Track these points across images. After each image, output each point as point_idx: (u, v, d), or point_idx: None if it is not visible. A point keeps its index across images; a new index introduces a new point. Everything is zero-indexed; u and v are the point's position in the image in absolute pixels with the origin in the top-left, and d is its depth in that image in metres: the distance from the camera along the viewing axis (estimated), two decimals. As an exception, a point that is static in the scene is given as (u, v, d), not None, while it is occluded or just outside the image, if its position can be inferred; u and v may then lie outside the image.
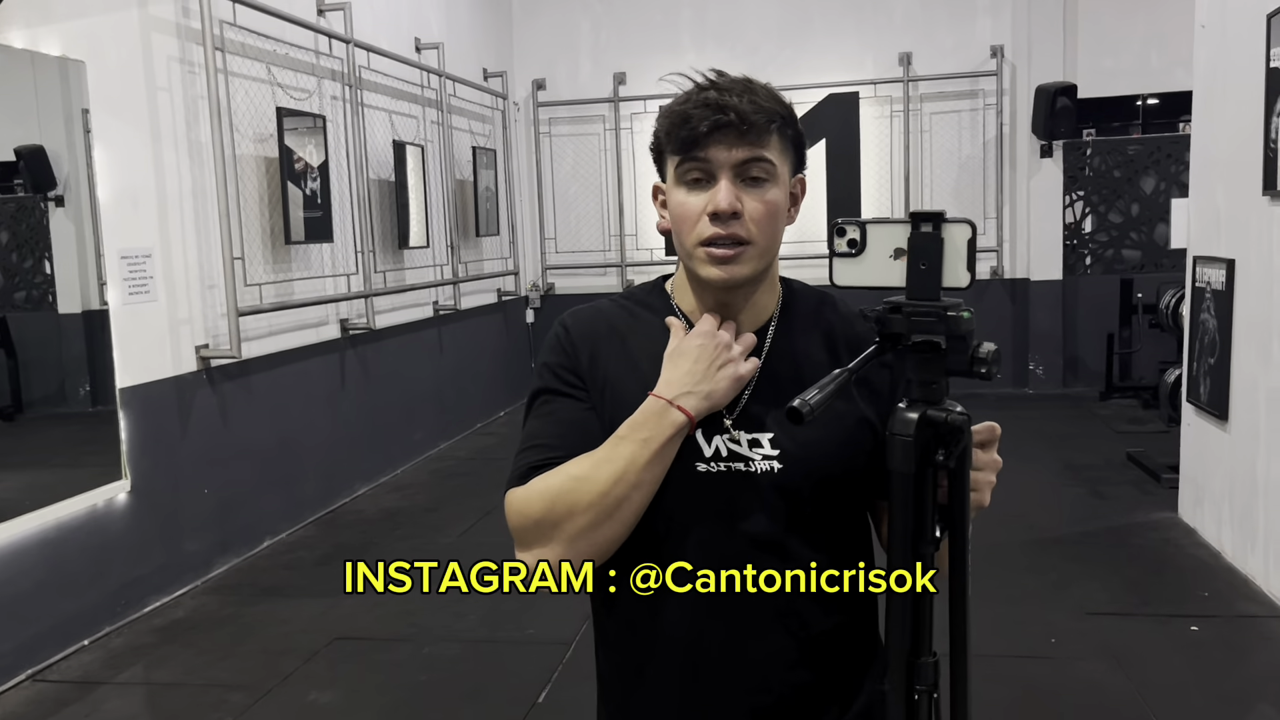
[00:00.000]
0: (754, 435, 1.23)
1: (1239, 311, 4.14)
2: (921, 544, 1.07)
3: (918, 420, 1.03)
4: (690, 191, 1.20)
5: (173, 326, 4.39)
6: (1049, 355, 8.27)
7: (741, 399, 1.23)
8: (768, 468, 1.22)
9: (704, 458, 1.22)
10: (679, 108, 1.20)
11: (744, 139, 1.17)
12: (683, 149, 1.19)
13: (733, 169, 1.18)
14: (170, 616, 4.13)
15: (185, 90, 4.47)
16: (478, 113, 7.90)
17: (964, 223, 1.00)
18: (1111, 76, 8.00)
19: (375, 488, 6.02)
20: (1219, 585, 4.02)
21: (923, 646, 1.09)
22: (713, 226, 1.18)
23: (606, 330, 1.30)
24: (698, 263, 1.21)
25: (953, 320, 1.01)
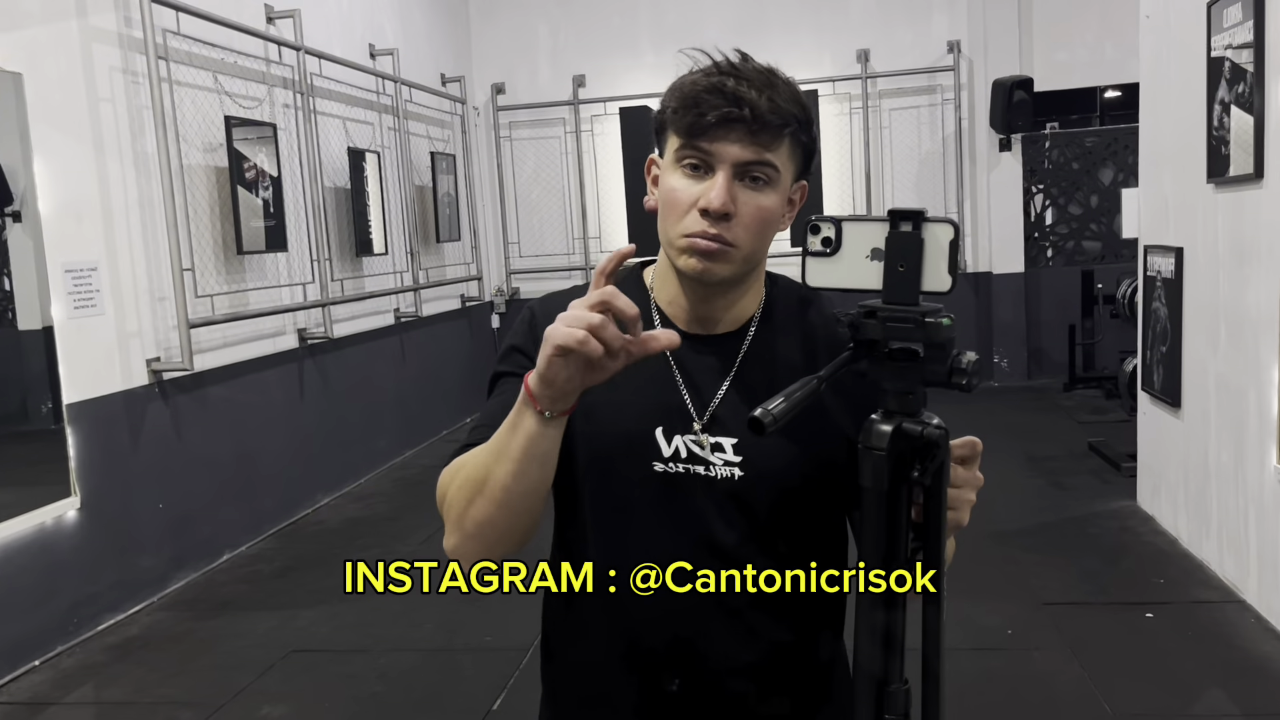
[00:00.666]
0: (718, 439, 1.18)
1: (1188, 299, 4.17)
2: (893, 564, 1.01)
3: (892, 433, 0.96)
4: (685, 178, 1.13)
5: (122, 340, 4.33)
6: (1013, 347, 8.31)
7: (713, 401, 1.19)
8: (728, 474, 1.17)
9: (663, 457, 1.18)
10: (692, 88, 1.11)
11: (753, 139, 1.10)
12: (687, 134, 1.11)
13: (734, 166, 1.11)
14: (124, 634, 4.07)
15: (129, 100, 4.42)
16: (436, 118, 7.86)
17: (946, 222, 0.93)
18: (1067, 69, 8.06)
19: (338, 498, 5.97)
20: (1174, 572, 4.04)
21: (892, 673, 1.02)
22: (700, 222, 1.11)
23: None
24: (677, 253, 1.15)
25: (932, 327, 0.93)
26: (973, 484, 1.07)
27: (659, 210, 1.17)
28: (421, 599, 4.17)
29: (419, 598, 4.20)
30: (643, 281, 1.27)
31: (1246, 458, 3.65)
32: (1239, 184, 3.60)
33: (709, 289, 1.19)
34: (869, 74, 8.15)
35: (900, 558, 1.00)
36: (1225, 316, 3.80)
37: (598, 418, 1.20)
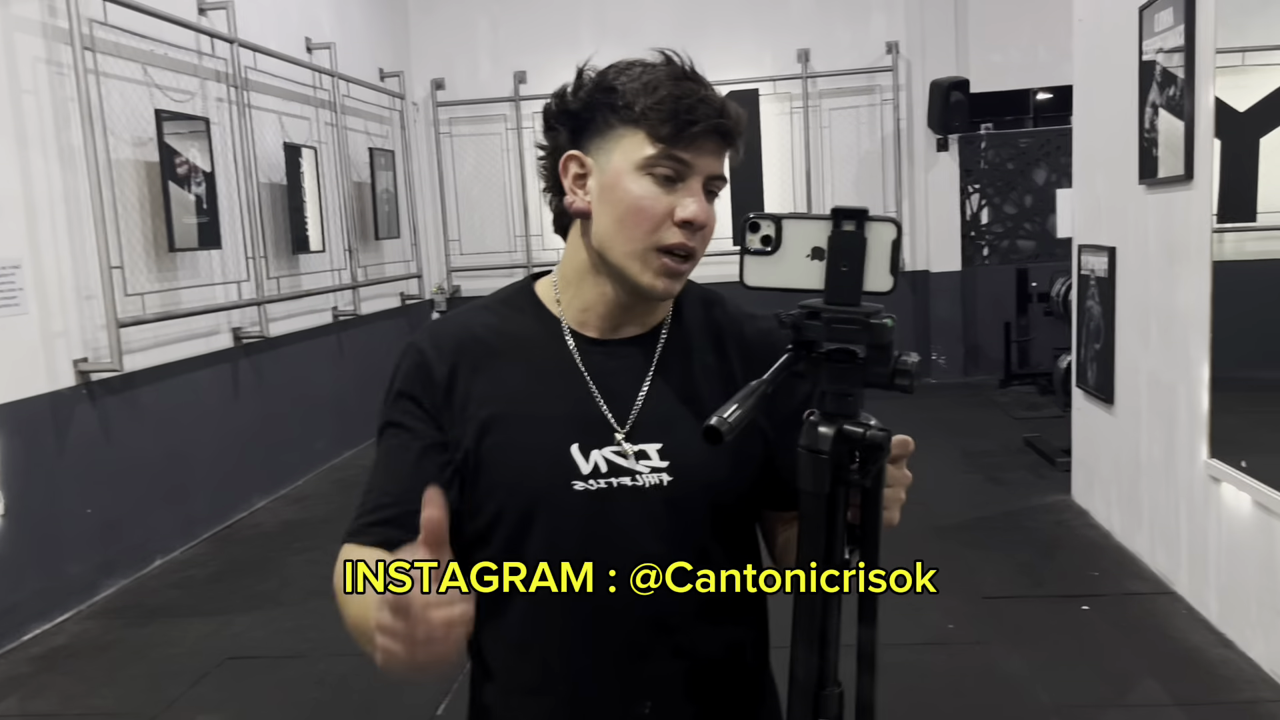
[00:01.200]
0: (641, 446, 1.14)
1: (1121, 297, 4.26)
2: (831, 568, 0.99)
3: (835, 436, 0.95)
4: (658, 186, 1.08)
5: (46, 340, 4.19)
6: (950, 344, 8.44)
7: (634, 407, 1.15)
8: (657, 480, 1.13)
9: (581, 475, 1.12)
10: (666, 88, 1.06)
11: (722, 150, 1.09)
12: (670, 139, 1.06)
13: (704, 179, 1.08)
14: (50, 644, 3.94)
15: (54, 92, 4.28)
16: (374, 113, 7.75)
17: (889, 222, 0.92)
18: (1002, 71, 8.20)
19: (274, 500, 5.85)
20: (1108, 564, 4.13)
21: (828, 676, 1.02)
22: (680, 234, 1.08)
23: (470, 343, 1.18)
24: (642, 267, 1.09)
25: (877, 329, 0.92)
26: (903, 482, 1.05)
27: (619, 218, 1.09)
28: (361, 603, 4.10)
29: (359, 601, 4.13)
30: (537, 297, 1.21)
31: (1177, 453, 3.73)
32: (1169, 185, 3.69)
33: (639, 299, 1.15)
34: (809, 74, 8.21)
35: (838, 560, 0.99)
36: (1156, 314, 3.88)
37: (506, 443, 1.14)
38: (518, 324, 1.20)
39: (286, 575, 4.56)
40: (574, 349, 1.18)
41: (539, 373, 1.17)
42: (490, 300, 1.25)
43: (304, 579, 4.48)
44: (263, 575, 4.58)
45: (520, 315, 1.20)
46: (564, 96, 1.13)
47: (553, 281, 1.21)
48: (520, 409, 1.15)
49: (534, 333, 1.19)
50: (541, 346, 1.18)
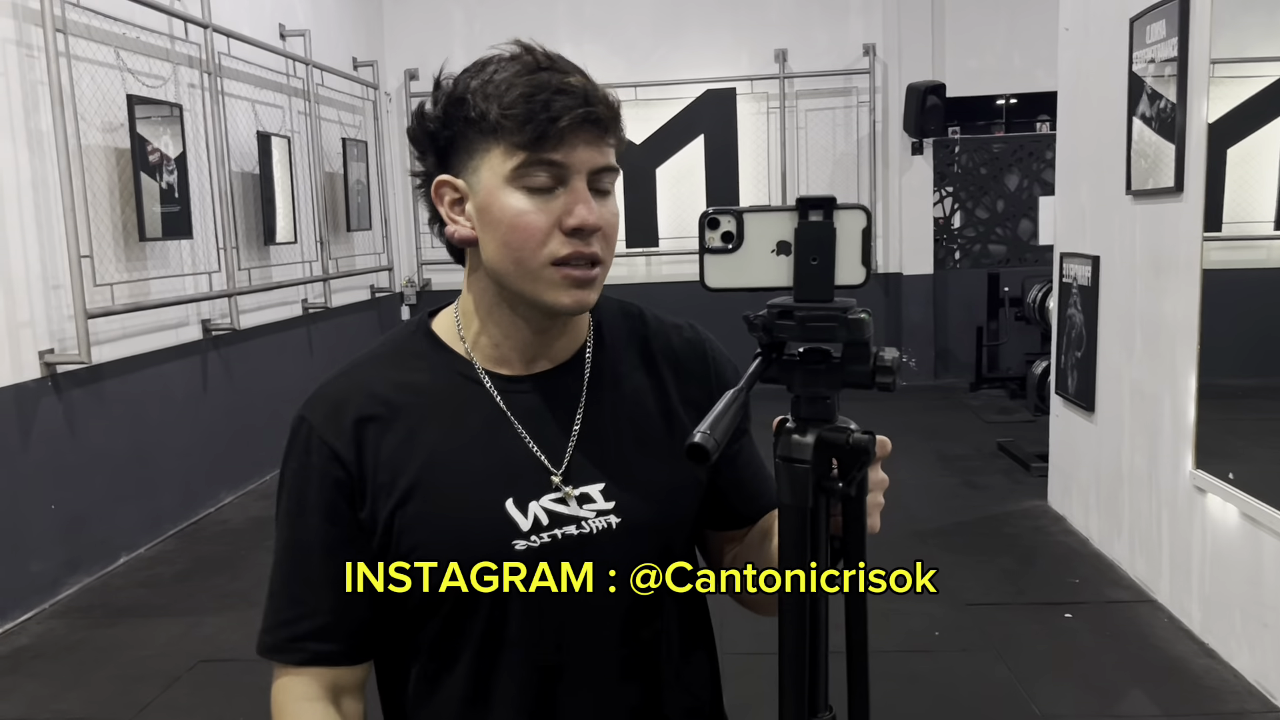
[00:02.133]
0: (583, 489, 1.03)
1: (1104, 306, 4.28)
2: (817, 585, 0.93)
3: (815, 444, 0.87)
4: (534, 198, 0.95)
5: (11, 330, 4.05)
6: (921, 347, 8.48)
7: (568, 446, 1.04)
8: (604, 525, 1.03)
9: (522, 532, 1.01)
10: (518, 86, 0.93)
11: (602, 139, 0.96)
12: (534, 144, 0.93)
13: (589, 175, 0.96)
14: (12, 644, 3.82)
15: (23, 75, 4.14)
16: (347, 103, 7.62)
17: (857, 209, 0.84)
18: (976, 76, 8.24)
19: (242, 496, 5.73)
20: (1088, 571, 4.15)
21: (819, 701, 0.96)
22: (572, 243, 0.96)
23: (369, 401, 1.04)
24: (545, 287, 0.98)
25: (855, 324, 0.84)
26: (882, 486, 0.98)
27: (502, 241, 0.97)
28: (337, 604, 4.02)
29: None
30: (439, 339, 1.08)
31: (1160, 462, 3.76)
32: (1158, 196, 3.70)
33: (553, 320, 1.03)
34: (786, 74, 8.20)
35: (820, 576, 0.93)
36: (1142, 324, 3.90)
37: (431, 511, 1.01)
38: (421, 372, 1.06)
39: (258, 575, 4.45)
40: (493, 391, 1.05)
41: (456, 425, 1.04)
42: (381, 349, 1.10)
43: (277, 579, 4.38)
44: (234, 574, 4.48)
45: (422, 361, 1.07)
46: (422, 116, 1.01)
47: (454, 318, 1.08)
48: (442, 470, 1.02)
49: (443, 379, 1.06)
50: (454, 394, 1.05)
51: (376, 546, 1.03)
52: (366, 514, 1.02)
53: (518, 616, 1.03)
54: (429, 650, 1.06)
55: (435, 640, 1.06)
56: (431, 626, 1.06)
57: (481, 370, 1.05)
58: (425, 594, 1.03)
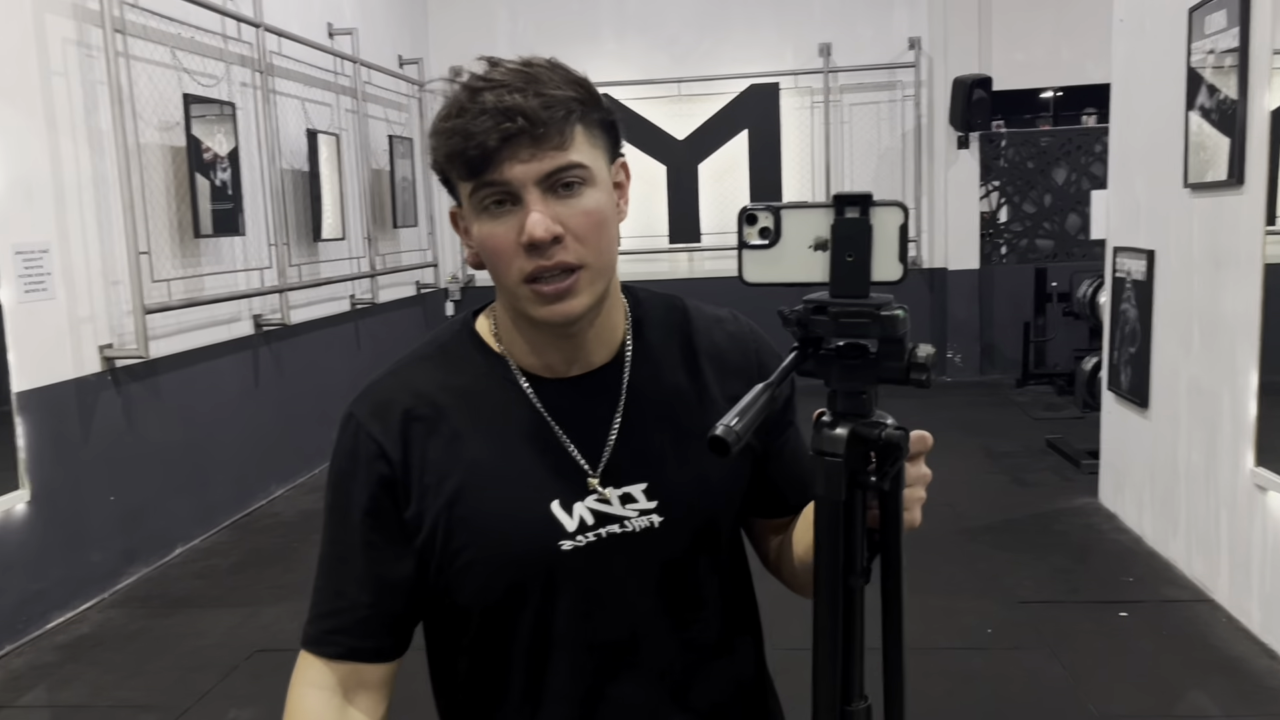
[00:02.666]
0: (625, 489, 1.05)
1: (1159, 302, 4.22)
2: (851, 576, 0.94)
3: (848, 438, 0.88)
4: (494, 219, 0.97)
5: (73, 325, 4.14)
6: (966, 343, 8.40)
7: (606, 447, 1.06)
8: (647, 524, 1.05)
9: (568, 534, 1.03)
10: (454, 121, 0.96)
11: (542, 145, 0.95)
12: (472, 173, 0.96)
13: (538, 184, 0.96)
14: (75, 633, 3.90)
15: (83, 75, 4.22)
16: (393, 100, 7.68)
17: (894, 206, 0.85)
18: (1024, 69, 8.14)
19: (292, 489, 5.81)
20: (1143, 570, 4.10)
21: (854, 691, 0.97)
22: (531, 259, 0.97)
23: (418, 406, 1.06)
24: (526, 303, 1.00)
25: (889, 320, 0.85)
26: (923, 480, 0.98)
27: (486, 263, 1.01)
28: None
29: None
30: (482, 339, 1.10)
31: (1219, 460, 3.70)
32: (1217, 190, 3.64)
33: (574, 327, 1.03)
34: (830, 68, 8.15)
35: (858, 568, 0.94)
36: (1199, 320, 3.84)
37: (478, 512, 1.04)
38: (465, 374, 1.08)
39: (310, 567, 4.43)
40: (531, 394, 1.07)
41: (500, 427, 1.06)
42: (427, 350, 1.12)
43: (329, 571, 4.44)
44: (287, 566, 4.55)
45: (466, 363, 1.09)
46: (432, 162, 1.04)
47: (492, 322, 1.11)
48: (488, 472, 1.04)
49: (485, 382, 1.08)
50: (497, 396, 1.07)
51: (421, 545, 1.05)
52: (411, 513, 1.04)
53: (565, 614, 1.05)
54: (479, 648, 1.09)
55: (485, 638, 1.08)
56: (481, 625, 1.08)
57: (520, 373, 1.07)
58: (474, 595, 1.06)
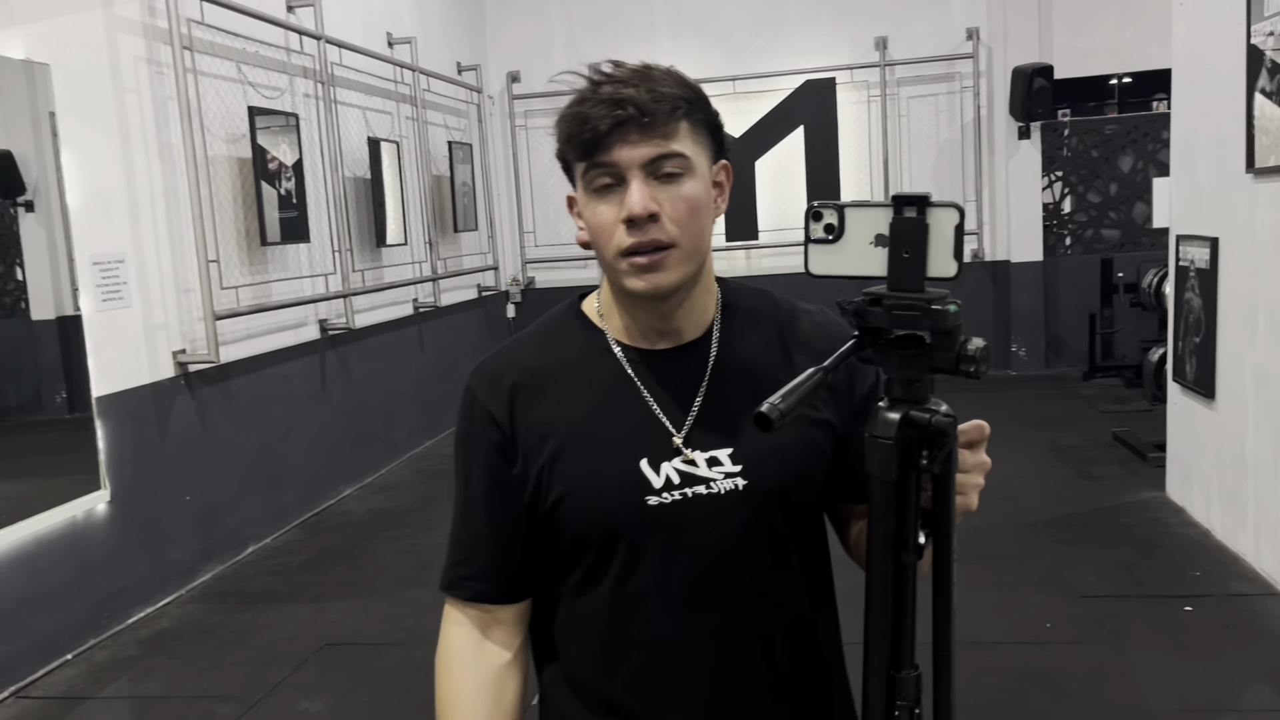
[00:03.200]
0: (711, 453, 1.14)
1: (1224, 290, 4.13)
2: (904, 552, 1.00)
3: (899, 422, 0.95)
4: (602, 199, 1.10)
5: (148, 332, 4.31)
6: (1031, 336, 8.28)
7: (690, 414, 1.15)
8: (731, 486, 1.14)
9: (654, 489, 1.13)
10: (575, 109, 1.09)
11: (649, 133, 1.07)
12: (585, 154, 1.09)
13: (642, 168, 1.07)
14: (155, 627, 4.06)
15: (154, 91, 4.39)
16: (452, 107, 7.82)
17: (951, 207, 0.91)
18: (1086, 56, 8.00)
19: (360, 489, 5.96)
20: (1210, 564, 4.02)
21: (903, 660, 1.02)
22: (630, 235, 1.08)
23: (522, 373, 1.20)
24: (622, 275, 1.11)
25: (939, 314, 0.91)
26: (980, 468, 1.05)
27: (591, 240, 1.14)
28: (452, 592, 4.16)
29: (450, 590, 4.19)
30: (586, 317, 1.23)
31: (1287, 450, 3.62)
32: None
33: (665, 302, 1.14)
34: (887, 61, 8.10)
35: (910, 545, 0.99)
36: (1265, 307, 3.76)
37: (575, 467, 1.15)
38: (567, 346, 1.22)
39: (378, 564, 4.64)
40: (625, 363, 1.18)
41: (597, 392, 1.18)
42: (535, 330, 1.27)
43: (396, 567, 4.55)
44: (354, 564, 4.67)
45: (569, 338, 1.22)
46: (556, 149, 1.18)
47: (596, 300, 1.23)
48: (584, 432, 1.16)
49: (585, 353, 1.20)
50: (595, 365, 1.19)
51: (528, 500, 1.17)
52: (519, 470, 1.17)
53: (651, 566, 1.15)
54: (573, 597, 1.20)
55: (578, 587, 1.19)
56: (575, 573, 1.18)
57: (616, 344, 1.19)
58: (569, 545, 1.17)
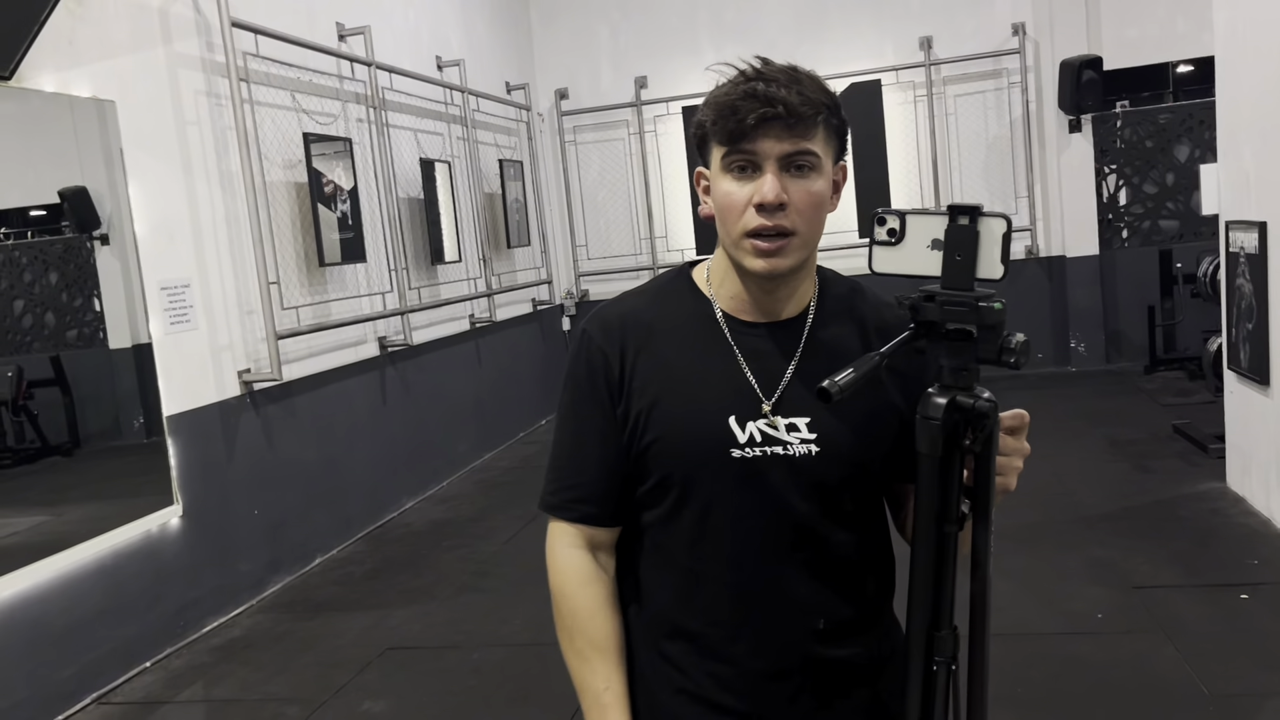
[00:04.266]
0: (791, 420, 1.26)
1: (1274, 274, 4.08)
2: (946, 523, 1.12)
3: (946, 405, 1.07)
4: (736, 180, 1.22)
5: (214, 353, 4.50)
6: (1090, 332, 8.17)
7: (780, 383, 1.27)
8: (805, 451, 1.26)
9: (739, 444, 1.25)
10: (725, 98, 1.21)
11: (791, 131, 1.19)
12: (730, 140, 1.20)
13: (778, 160, 1.20)
14: (227, 636, 4.24)
15: (214, 122, 4.59)
16: (502, 126, 7.99)
17: (1000, 217, 1.04)
18: (1137, 46, 7.90)
19: (422, 501, 6.11)
20: (1269, 552, 3.96)
21: (942, 620, 1.13)
22: (759, 217, 1.20)
23: (634, 324, 1.33)
24: (742, 253, 1.23)
25: (984, 311, 1.05)
26: (1020, 453, 1.17)
27: (717, 215, 1.25)
28: (507, 597, 4.28)
29: (505, 596, 4.31)
30: (695, 284, 1.35)
31: (1341, 434, 3.56)
32: (1324, 154, 3.52)
33: (775, 282, 1.27)
34: (932, 61, 8.08)
35: (952, 517, 1.11)
36: (1314, 290, 3.71)
37: (670, 414, 1.28)
38: (675, 307, 1.34)
39: (438, 572, 4.77)
40: (727, 331, 1.30)
41: (698, 351, 1.30)
42: (648, 288, 1.40)
43: (455, 575, 4.68)
44: (416, 572, 4.81)
45: (678, 300, 1.35)
46: (695, 125, 1.29)
47: (706, 269, 1.36)
48: (682, 385, 1.28)
49: (691, 316, 1.32)
50: (698, 328, 1.31)
51: (626, 437, 1.31)
52: (622, 410, 1.31)
53: (729, 512, 1.27)
54: (656, 533, 1.33)
55: (663, 524, 1.32)
56: (659, 512, 1.32)
57: (721, 313, 1.31)
58: (656, 483, 1.30)
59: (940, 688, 1.15)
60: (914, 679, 1.16)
